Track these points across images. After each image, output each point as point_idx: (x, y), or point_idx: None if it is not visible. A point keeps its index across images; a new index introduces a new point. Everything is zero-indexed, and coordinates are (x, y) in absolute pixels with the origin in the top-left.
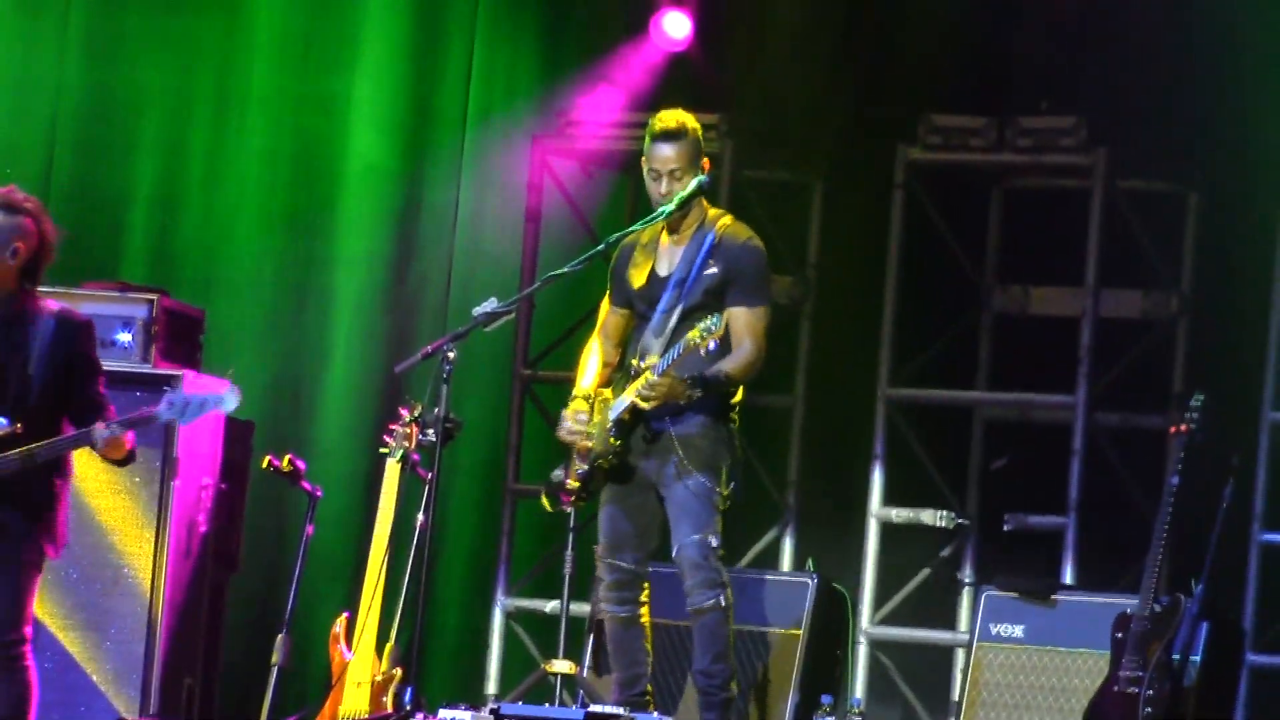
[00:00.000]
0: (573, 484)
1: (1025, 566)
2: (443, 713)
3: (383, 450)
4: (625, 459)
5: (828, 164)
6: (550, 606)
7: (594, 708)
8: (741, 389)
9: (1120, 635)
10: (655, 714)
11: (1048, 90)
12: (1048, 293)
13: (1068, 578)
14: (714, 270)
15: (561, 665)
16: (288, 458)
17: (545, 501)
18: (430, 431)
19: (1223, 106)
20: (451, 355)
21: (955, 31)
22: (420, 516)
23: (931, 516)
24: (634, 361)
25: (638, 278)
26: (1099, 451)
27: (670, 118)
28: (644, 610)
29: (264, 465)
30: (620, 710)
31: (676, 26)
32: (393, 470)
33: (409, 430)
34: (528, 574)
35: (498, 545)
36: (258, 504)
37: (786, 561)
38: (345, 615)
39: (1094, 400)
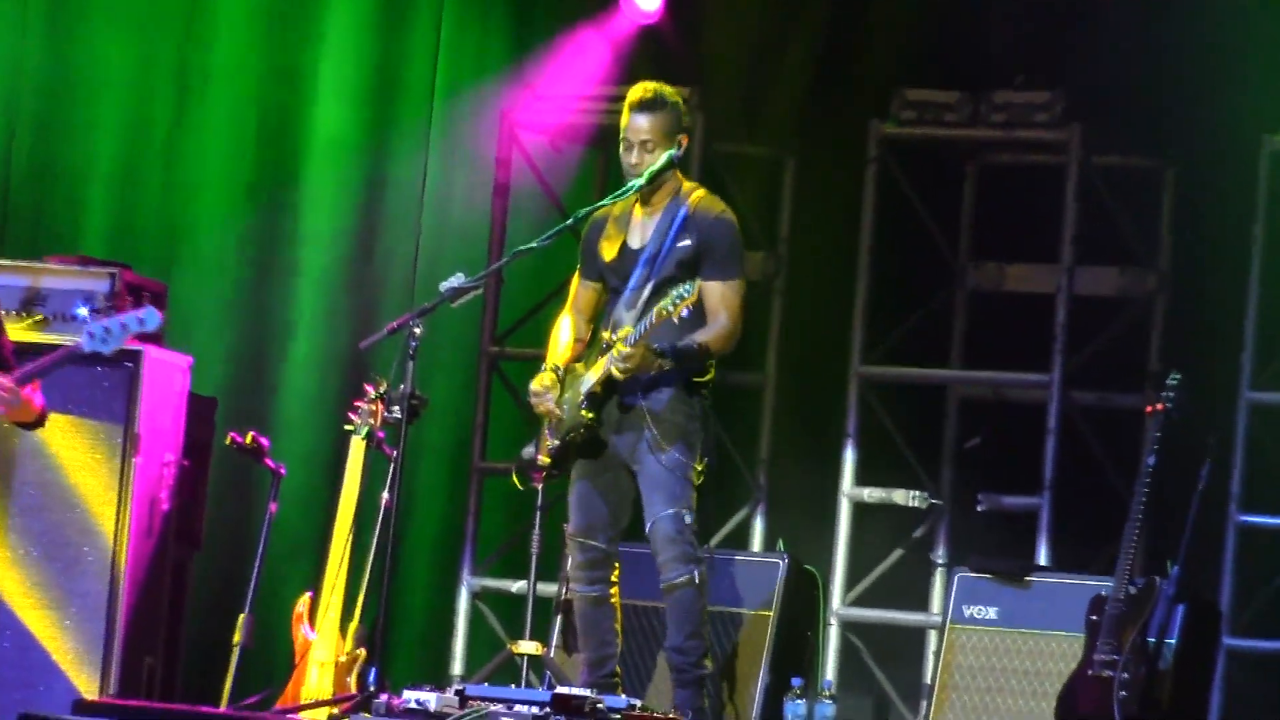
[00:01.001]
0: (544, 460)
1: (999, 547)
2: (407, 694)
3: (347, 427)
4: (597, 434)
5: (800, 138)
6: (517, 586)
7: (561, 689)
8: (713, 367)
9: (1095, 618)
10: (624, 696)
11: (1023, 64)
12: (1023, 270)
13: (1042, 559)
14: (687, 243)
15: (528, 646)
16: (251, 434)
17: (515, 479)
18: (396, 409)
19: (1200, 80)
20: (418, 331)
21: (929, 4)
22: (385, 495)
23: (904, 496)
24: (605, 334)
25: (609, 251)
26: (1074, 431)
27: (649, 88)
28: (614, 590)
29: (227, 442)
30: (588, 692)
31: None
32: (357, 448)
33: (374, 407)
34: (494, 553)
35: (464, 524)
36: (221, 481)
37: (757, 541)
38: (309, 594)
39: (1069, 379)
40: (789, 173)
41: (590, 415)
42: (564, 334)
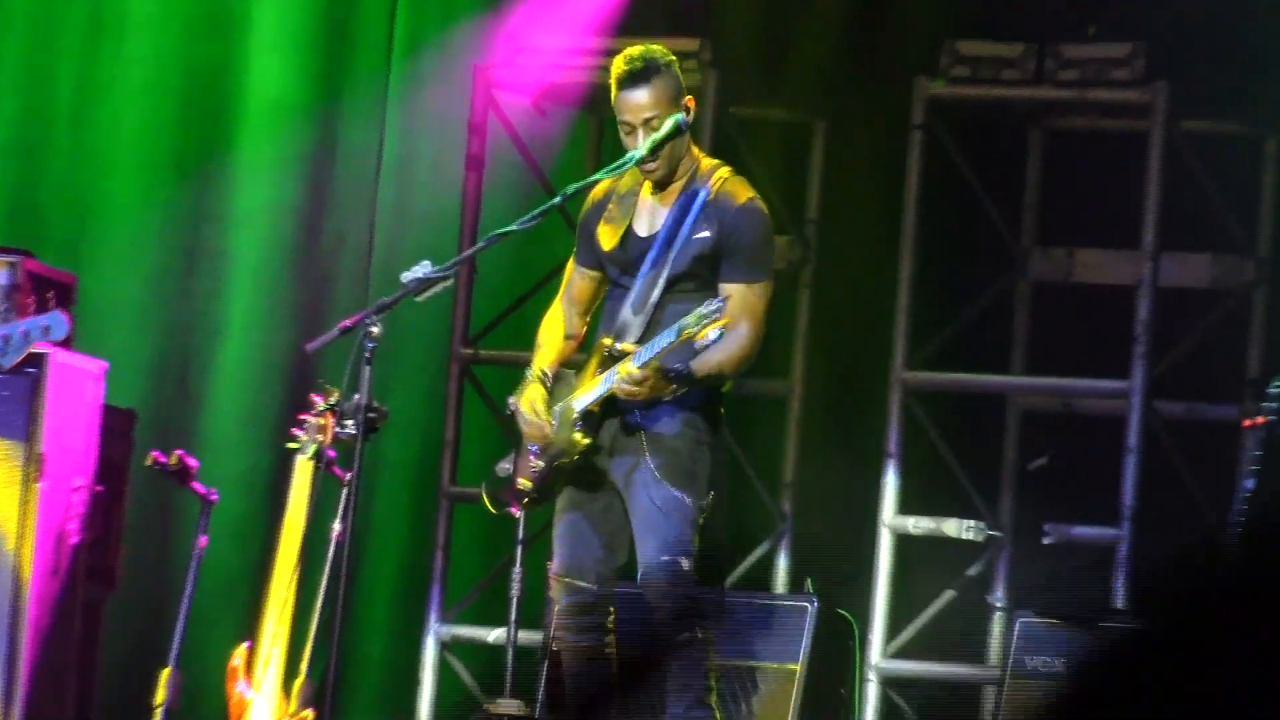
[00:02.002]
0: (524, 484)
1: (1069, 588)
2: None
3: (291, 446)
4: (592, 461)
5: (832, 100)
6: (494, 635)
7: None
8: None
9: None
10: None
11: (1097, 12)
12: (1097, 257)
13: (1119, 601)
14: (705, 235)
15: (508, 705)
16: (176, 454)
17: (486, 501)
18: (349, 423)
19: None
20: (375, 331)
21: None
22: (337, 525)
23: (956, 527)
24: (607, 340)
25: (610, 237)
26: (1158, 448)
27: (633, 55)
28: (609, 640)
29: (148, 463)
30: None
31: None
32: (304, 469)
33: (323, 421)
34: (467, 595)
35: (431, 561)
36: (140, 510)
37: (781, 581)
38: (246, 645)
39: (1152, 386)
40: (818, 141)
41: (586, 440)
42: (554, 331)
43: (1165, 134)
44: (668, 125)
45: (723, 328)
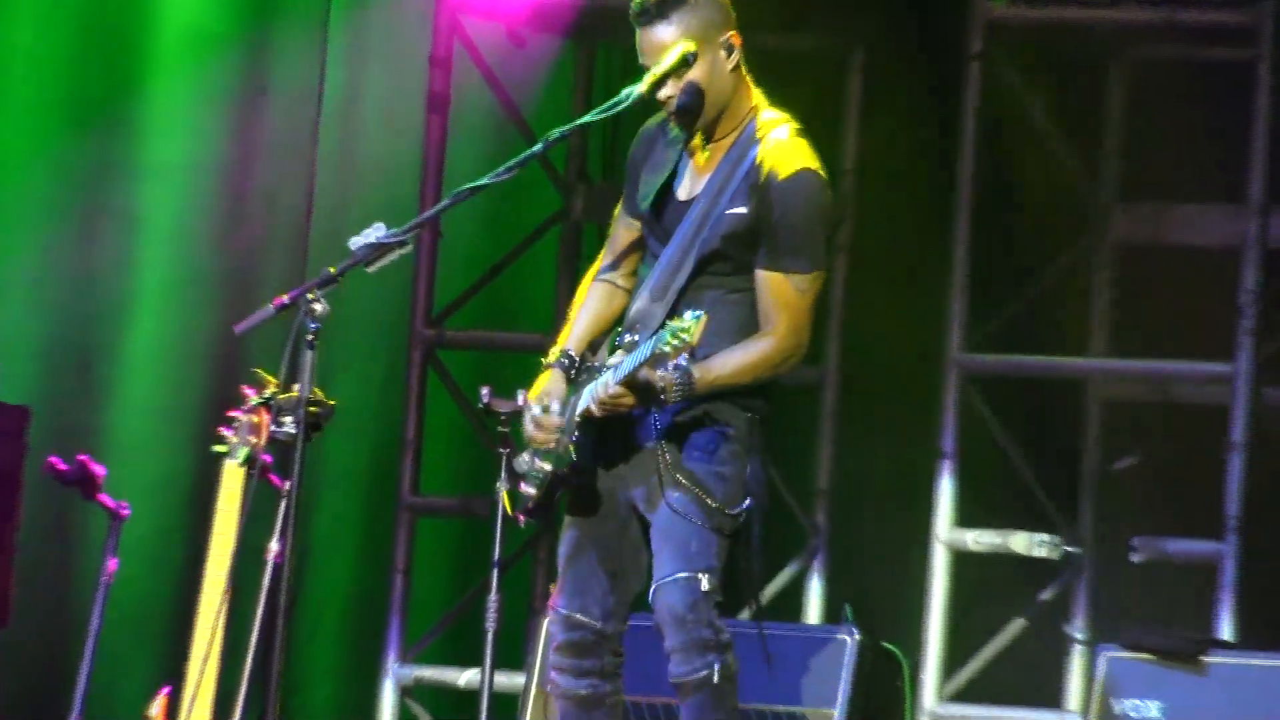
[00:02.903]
0: (531, 490)
1: (1163, 615)
2: None
3: (217, 449)
4: (591, 482)
5: (873, 26)
6: (465, 678)
7: None
8: None
9: None
10: None
11: None
12: (1192, 213)
13: (1225, 631)
14: (742, 210)
15: None
16: (78, 460)
17: (505, 501)
18: (288, 420)
19: None
20: (318, 308)
21: None
22: (274, 544)
23: (1025, 542)
24: (616, 332)
25: (649, 192)
26: (1270, 445)
27: None
28: (614, 687)
29: (44, 471)
30: None
31: None
32: (233, 477)
33: (256, 419)
34: (433, 629)
35: (389, 587)
36: (36, 527)
37: (814, 608)
38: (165, 692)
39: (1262, 370)
40: (855, 76)
41: (573, 455)
42: (591, 298)
43: (1274, 65)
44: (672, 57)
45: (689, 354)
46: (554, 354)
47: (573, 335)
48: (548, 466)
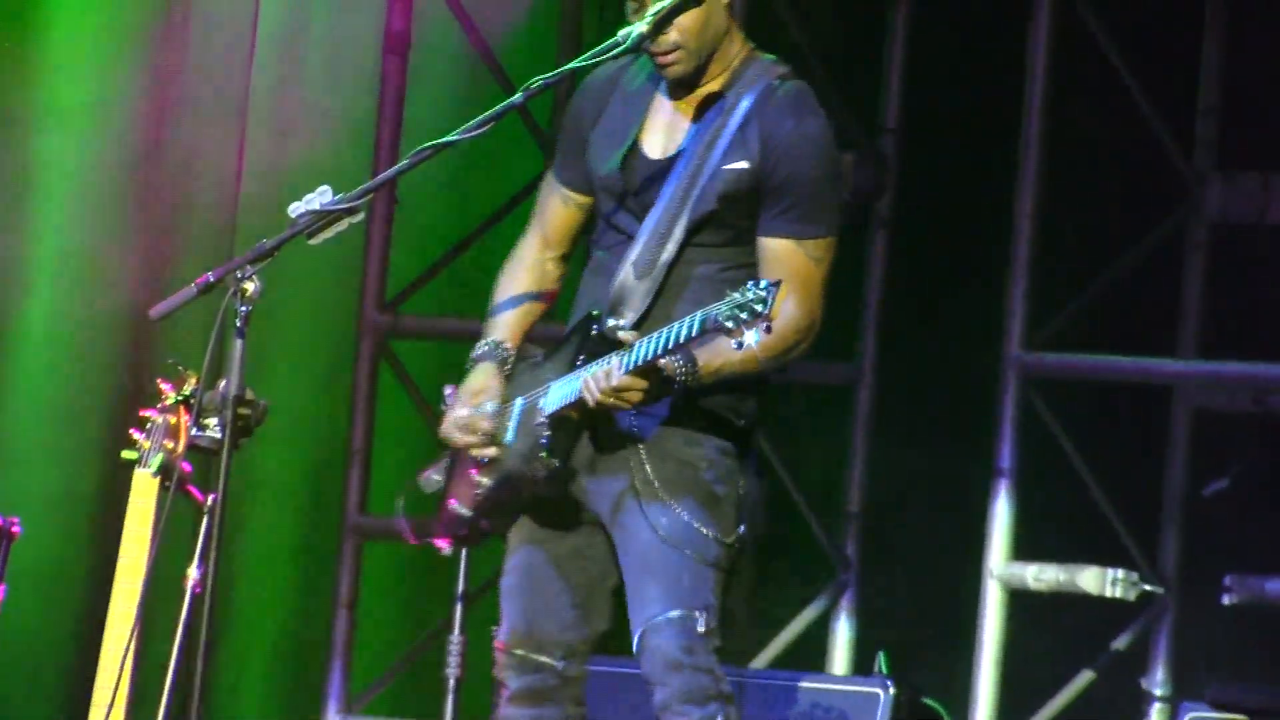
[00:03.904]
0: (459, 509)
1: (1259, 668)
2: None
3: (127, 455)
4: (565, 488)
5: None
6: None
7: None
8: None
9: None
10: None
11: None
12: None
13: None
14: (742, 165)
15: None
16: None
17: (403, 528)
18: (212, 422)
19: None
20: (250, 289)
21: None
22: (194, 571)
23: (1097, 579)
24: (596, 313)
25: (611, 154)
26: None
27: None
28: None
29: None
30: None
31: None
32: (146, 489)
33: (174, 420)
34: (383, 675)
35: (330, 623)
36: None
37: (841, 655)
38: None
39: None
40: (900, 19)
41: (553, 461)
42: (518, 279)
43: None
44: None
45: (769, 325)
46: (482, 346)
47: (502, 323)
48: (490, 483)
